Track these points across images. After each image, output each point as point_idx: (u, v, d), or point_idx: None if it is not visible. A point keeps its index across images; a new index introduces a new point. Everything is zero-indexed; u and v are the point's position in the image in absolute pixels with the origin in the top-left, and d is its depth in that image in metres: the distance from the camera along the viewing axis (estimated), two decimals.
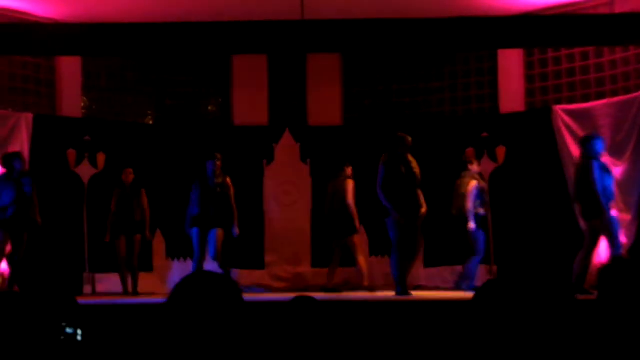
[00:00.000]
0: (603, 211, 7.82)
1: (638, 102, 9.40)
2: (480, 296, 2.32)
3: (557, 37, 8.11)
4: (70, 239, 10.02)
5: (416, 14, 8.15)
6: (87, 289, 10.09)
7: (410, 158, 8.33)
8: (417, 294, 8.43)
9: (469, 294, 4.33)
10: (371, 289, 9.40)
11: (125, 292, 9.62)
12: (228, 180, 9.29)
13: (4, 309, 2.58)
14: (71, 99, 10.82)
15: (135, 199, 9.76)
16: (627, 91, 9.88)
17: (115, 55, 10.71)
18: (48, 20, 10.16)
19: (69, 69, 10.77)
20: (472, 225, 8.89)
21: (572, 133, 9.89)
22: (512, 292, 2.28)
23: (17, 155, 8.83)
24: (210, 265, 9.10)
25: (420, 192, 8.31)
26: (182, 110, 11.76)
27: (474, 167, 9.33)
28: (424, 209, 8.29)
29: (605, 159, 8.53)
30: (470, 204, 8.95)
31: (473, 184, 9.06)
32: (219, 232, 9.06)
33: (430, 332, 5.67)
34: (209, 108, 12.11)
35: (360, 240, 9.97)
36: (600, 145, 8.14)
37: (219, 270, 7.93)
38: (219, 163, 9.23)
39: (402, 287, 8.17)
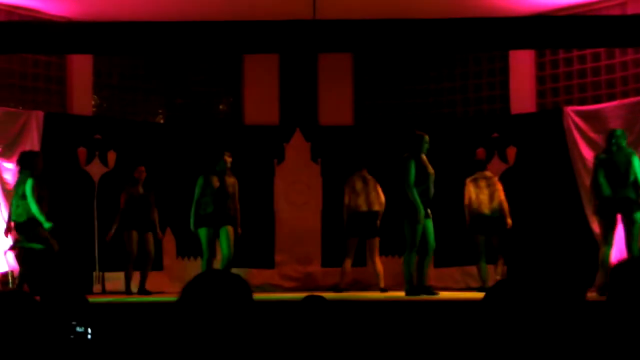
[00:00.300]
0: None
1: None
2: (491, 297, 2.32)
3: (568, 38, 8.07)
4: (80, 237, 10.05)
5: (428, 14, 8.15)
6: (97, 287, 10.13)
7: (424, 157, 8.37)
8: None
9: (478, 295, 4.32)
10: (385, 290, 9.42)
11: (128, 291, 9.56)
12: (235, 179, 9.31)
13: (15, 308, 2.58)
14: (82, 97, 10.83)
15: (149, 197, 9.76)
16: (638, 93, 9.87)
17: (126, 53, 10.73)
18: (60, 18, 10.19)
19: (80, 67, 10.78)
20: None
21: (583, 134, 9.89)
22: (522, 293, 2.28)
23: (39, 154, 8.82)
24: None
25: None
26: (193, 109, 11.77)
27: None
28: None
29: None
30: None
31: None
32: (231, 230, 9.07)
33: (440, 332, 5.66)
34: (220, 107, 12.12)
35: (378, 242, 10.01)
36: None
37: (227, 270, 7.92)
38: (230, 160, 9.23)
39: (412, 287, 8.19)
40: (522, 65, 10.97)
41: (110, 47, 8.23)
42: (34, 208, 8.24)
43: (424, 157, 8.33)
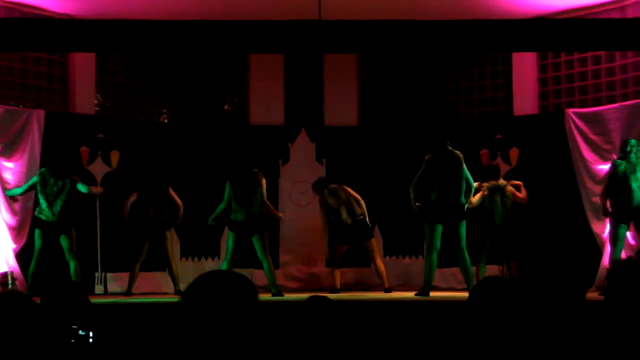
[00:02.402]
0: None
1: None
2: (476, 294, 2.32)
3: (569, 41, 8.12)
4: (82, 237, 10.02)
5: (432, 16, 8.16)
6: (99, 288, 10.11)
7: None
8: (433, 295, 8.47)
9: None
10: (389, 290, 9.41)
11: (129, 293, 9.50)
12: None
13: (13, 310, 2.57)
14: (84, 96, 10.78)
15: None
16: (637, 95, 9.96)
17: (130, 52, 10.70)
18: (62, 15, 10.15)
19: (83, 66, 10.73)
20: None
21: (584, 136, 9.97)
22: (507, 290, 2.28)
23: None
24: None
25: None
26: (198, 109, 11.76)
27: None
28: None
29: None
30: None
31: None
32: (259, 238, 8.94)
33: (444, 332, 5.66)
34: (225, 107, 12.12)
35: (377, 242, 9.99)
36: None
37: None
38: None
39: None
40: (524, 67, 11.03)
41: (112, 45, 8.21)
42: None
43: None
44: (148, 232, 9.54)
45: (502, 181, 9.56)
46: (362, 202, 9.65)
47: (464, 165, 8.43)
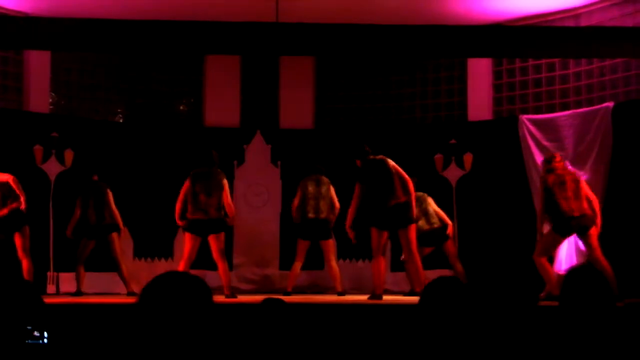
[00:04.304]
0: None
1: (600, 114, 9.55)
2: (429, 293, 2.35)
3: (524, 48, 8.23)
4: (35, 237, 9.89)
5: (389, 20, 8.22)
6: (51, 288, 9.99)
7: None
8: (387, 298, 8.50)
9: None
10: (342, 293, 9.41)
11: (79, 292, 9.43)
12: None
13: None
14: (39, 95, 10.68)
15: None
16: (590, 103, 10.08)
17: (85, 50, 10.53)
18: (18, 13, 10.05)
19: (38, 64, 10.63)
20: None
21: (537, 142, 10.06)
22: (460, 290, 2.31)
23: None
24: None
25: None
26: (153, 109, 11.70)
27: None
28: None
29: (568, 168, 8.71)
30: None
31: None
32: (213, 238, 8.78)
33: (398, 335, 5.70)
34: (181, 108, 12.07)
35: (333, 245, 9.99)
36: None
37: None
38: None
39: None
40: (479, 73, 11.13)
41: (67, 43, 8.14)
42: None
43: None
44: (91, 236, 9.49)
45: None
46: (337, 209, 9.59)
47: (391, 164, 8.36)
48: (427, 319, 2.33)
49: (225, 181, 8.71)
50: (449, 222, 9.51)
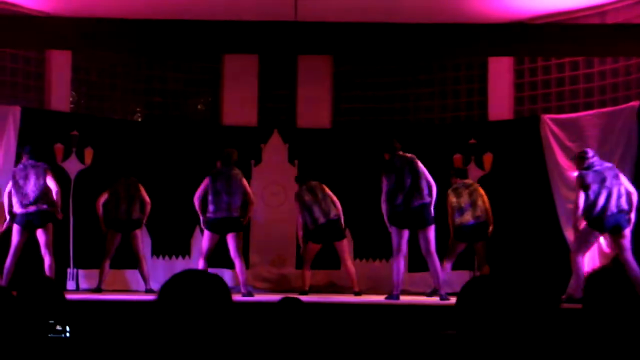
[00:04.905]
0: None
1: (625, 114, 9.42)
2: (465, 294, 2.32)
3: (547, 46, 8.14)
4: (55, 233, 9.95)
5: (408, 19, 8.17)
6: (71, 284, 10.07)
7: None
8: (404, 299, 8.47)
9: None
10: (359, 293, 9.39)
11: (99, 289, 9.51)
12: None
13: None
14: (60, 94, 10.76)
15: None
16: (615, 102, 9.90)
17: (105, 50, 10.63)
18: (39, 13, 10.11)
19: (59, 64, 10.70)
20: None
21: (560, 142, 9.92)
22: (494, 291, 2.28)
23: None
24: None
25: None
26: (171, 108, 11.74)
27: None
28: None
29: None
30: None
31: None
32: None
33: (417, 335, 5.68)
34: (199, 107, 12.10)
35: (348, 244, 9.98)
36: None
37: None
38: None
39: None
40: (500, 72, 11.00)
41: (88, 43, 8.19)
42: None
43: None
44: (119, 230, 9.60)
45: (468, 180, 9.59)
46: (338, 204, 9.64)
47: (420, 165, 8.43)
48: (464, 319, 2.30)
49: (244, 180, 8.80)
50: (492, 223, 9.45)
